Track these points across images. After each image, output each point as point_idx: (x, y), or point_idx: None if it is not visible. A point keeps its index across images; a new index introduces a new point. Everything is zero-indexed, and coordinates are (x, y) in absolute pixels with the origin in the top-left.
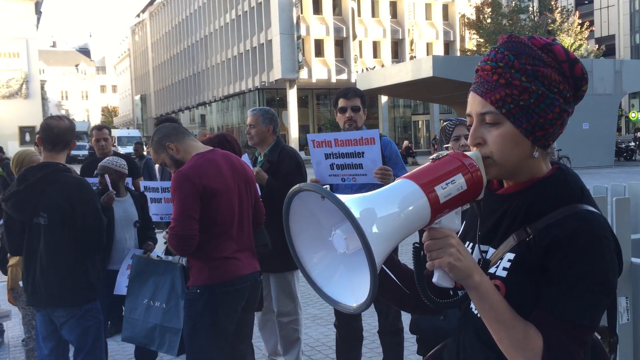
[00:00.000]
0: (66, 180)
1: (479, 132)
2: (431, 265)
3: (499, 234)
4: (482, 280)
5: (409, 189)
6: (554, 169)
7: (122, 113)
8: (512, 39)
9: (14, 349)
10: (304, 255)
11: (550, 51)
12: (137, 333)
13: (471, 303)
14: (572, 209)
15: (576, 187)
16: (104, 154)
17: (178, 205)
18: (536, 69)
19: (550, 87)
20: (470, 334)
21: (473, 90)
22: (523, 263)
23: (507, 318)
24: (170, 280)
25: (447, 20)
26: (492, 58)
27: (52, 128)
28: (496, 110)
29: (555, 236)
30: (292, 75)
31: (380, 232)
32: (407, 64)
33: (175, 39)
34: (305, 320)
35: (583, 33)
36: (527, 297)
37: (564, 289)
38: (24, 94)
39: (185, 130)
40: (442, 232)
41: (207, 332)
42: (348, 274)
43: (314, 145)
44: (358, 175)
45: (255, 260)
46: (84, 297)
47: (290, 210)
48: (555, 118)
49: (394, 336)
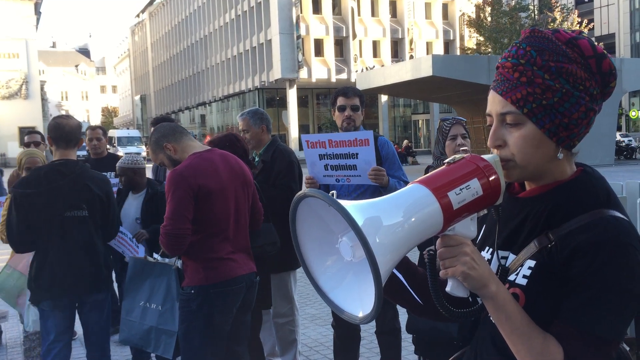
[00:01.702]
0: (97, 175)
1: (499, 133)
2: (444, 274)
3: (519, 239)
4: (499, 289)
5: (420, 195)
6: (578, 171)
7: (122, 113)
8: (535, 34)
9: (12, 350)
10: (311, 261)
11: (575, 46)
12: (134, 335)
13: None
14: (597, 214)
15: (602, 191)
16: (96, 154)
17: (172, 204)
18: (560, 65)
19: (575, 85)
20: (487, 342)
21: (493, 89)
22: (544, 271)
23: (524, 329)
24: (166, 283)
25: (446, 19)
26: (514, 54)
27: (63, 126)
28: (517, 110)
29: (578, 243)
30: (291, 75)
31: (386, 242)
32: (407, 63)
33: (175, 39)
34: (303, 320)
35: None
36: (547, 306)
37: (587, 299)
38: (24, 94)
39: (183, 130)
40: (456, 240)
41: (201, 332)
42: (357, 282)
43: (308, 145)
44: (352, 176)
45: (251, 261)
46: (109, 283)
47: (297, 216)
48: (580, 117)
49: (392, 336)
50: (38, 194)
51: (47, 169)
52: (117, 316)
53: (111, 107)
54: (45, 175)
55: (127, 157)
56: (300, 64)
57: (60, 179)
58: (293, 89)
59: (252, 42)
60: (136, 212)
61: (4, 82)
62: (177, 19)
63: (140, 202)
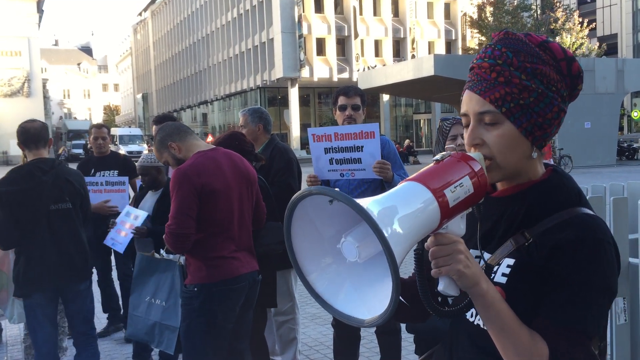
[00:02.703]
0: (73, 171)
1: (477, 132)
2: (437, 273)
3: (495, 238)
4: (489, 287)
5: (419, 192)
6: (549, 171)
7: (123, 112)
8: (509, 36)
9: (12, 347)
10: (308, 270)
11: (548, 49)
12: (139, 330)
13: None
14: (571, 212)
15: (573, 190)
16: (101, 152)
17: (175, 203)
18: (535, 67)
19: (549, 86)
20: (465, 341)
21: (469, 89)
22: (524, 269)
23: (513, 326)
24: (170, 279)
25: (448, 19)
26: (490, 55)
27: (28, 129)
28: (496, 110)
29: (558, 241)
30: (293, 74)
31: (401, 233)
32: (409, 63)
33: (177, 37)
34: (304, 319)
35: (583, 31)
36: (527, 304)
37: (568, 295)
38: (26, 92)
39: (187, 128)
40: (449, 238)
41: (203, 330)
42: (358, 286)
43: (314, 139)
44: (357, 170)
45: (254, 259)
46: (91, 273)
47: (292, 220)
48: (553, 117)
49: (392, 336)
50: (25, 190)
51: (28, 167)
52: (117, 314)
53: (113, 105)
54: (27, 172)
55: (148, 156)
56: (302, 63)
57: (42, 175)
58: (295, 88)
59: (254, 41)
60: (149, 210)
61: (6, 80)
62: (179, 18)
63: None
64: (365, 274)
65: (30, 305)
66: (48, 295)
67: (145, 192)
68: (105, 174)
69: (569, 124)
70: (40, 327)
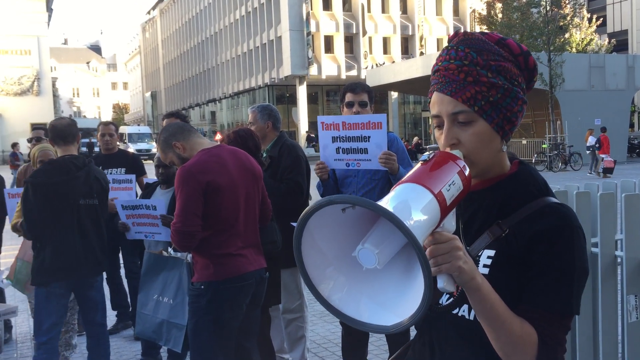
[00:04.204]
0: (99, 170)
1: (452, 132)
2: (437, 271)
3: (471, 231)
4: (483, 280)
5: (420, 193)
6: (515, 164)
7: (132, 110)
8: (468, 36)
9: (22, 345)
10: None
11: (505, 45)
12: (147, 328)
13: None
14: (542, 202)
15: (541, 181)
16: (108, 149)
17: (181, 201)
18: (498, 64)
19: (512, 81)
20: (450, 334)
21: (439, 91)
22: (504, 259)
23: (506, 316)
24: (177, 277)
25: (457, 16)
26: (454, 57)
27: (56, 126)
28: (469, 109)
29: (537, 230)
30: (301, 71)
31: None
32: (417, 60)
33: (186, 36)
34: (312, 317)
35: (592, 27)
36: (510, 292)
37: (551, 281)
38: (36, 91)
39: (191, 127)
40: (446, 236)
41: (210, 328)
42: (371, 295)
43: (322, 127)
44: (363, 160)
45: (261, 256)
46: (106, 264)
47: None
48: (519, 110)
49: (400, 334)
50: (60, 183)
51: (62, 161)
52: (125, 312)
53: (122, 103)
54: (63, 167)
55: None
56: (310, 60)
57: (76, 171)
58: (303, 85)
59: (262, 38)
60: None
61: (16, 79)
62: (188, 16)
63: (169, 198)
64: (379, 281)
65: (46, 294)
66: (66, 286)
67: (153, 189)
68: (112, 171)
69: (579, 120)
70: (49, 316)
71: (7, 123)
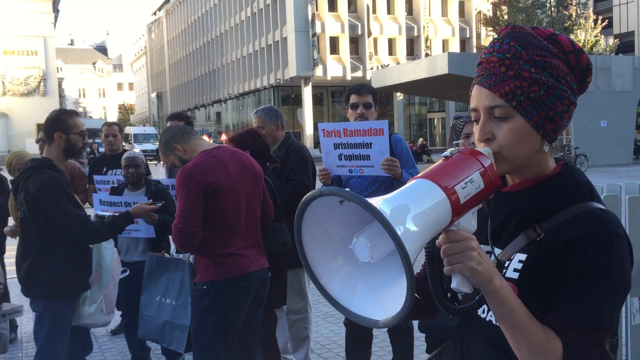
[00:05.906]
0: (39, 176)
1: (487, 127)
2: (450, 270)
3: (505, 233)
4: (502, 284)
5: (430, 190)
6: (560, 165)
7: (138, 110)
8: (516, 30)
9: (27, 344)
10: (318, 270)
11: (556, 41)
12: (150, 329)
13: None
14: (583, 207)
15: (585, 185)
16: (112, 150)
17: (181, 203)
18: (544, 59)
19: (558, 79)
20: (478, 338)
21: (479, 84)
22: (536, 264)
23: (526, 323)
24: (180, 278)
25: (463, 17)
26: (498, 49)
27: (45, 120)
28: (506, 104)
29: (571, 236)
30: (307, 72)
31: (413, 231)
32: (423, 61)
33: (191, 36)
34: (316, 318)
35: (597, 28)
36: (540, 299)
37: (582, 290)
38: (42, 91)
39: (191, 129)
40: (461, 235)
41: (213, 328)
42: (370, 287)
43: (324, 134)
44: (365, 166)
45: (263, 256)
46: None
47: (303, 222)
48: (564, 110)
49: (404, 335)
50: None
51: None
52: None
53: (128, 104)
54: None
55: (133, 153)
56: (315, 61)
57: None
58: (308, 86)
59: (267, 39)
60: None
61: (23, 79)
62: (194, 17)
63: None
64: (378, 274)
65: (62, 311)
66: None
67: (120, 192)
68: (117, 172)
69: (585, 122)
70: (66, 335)
71: (14, 123)
